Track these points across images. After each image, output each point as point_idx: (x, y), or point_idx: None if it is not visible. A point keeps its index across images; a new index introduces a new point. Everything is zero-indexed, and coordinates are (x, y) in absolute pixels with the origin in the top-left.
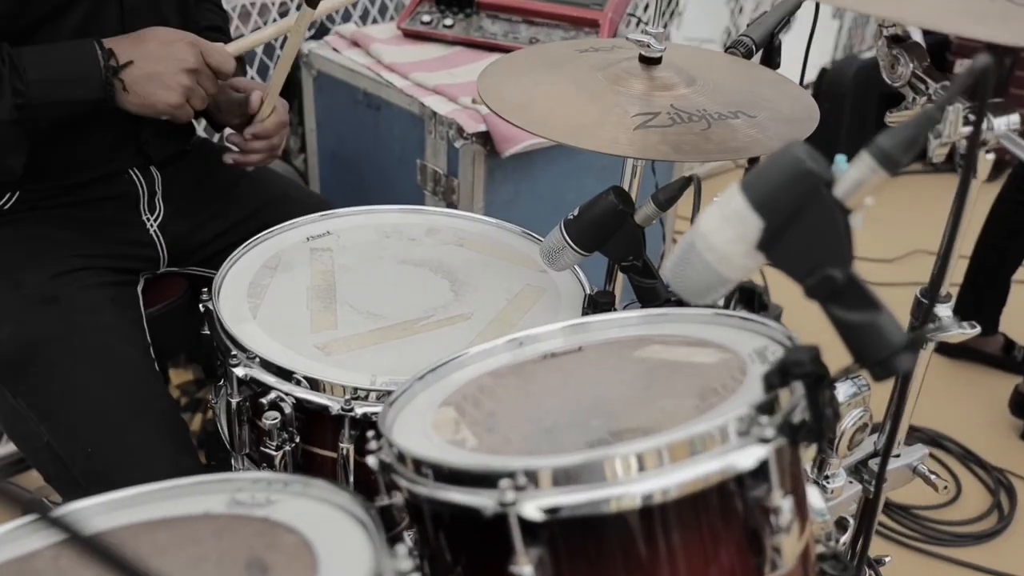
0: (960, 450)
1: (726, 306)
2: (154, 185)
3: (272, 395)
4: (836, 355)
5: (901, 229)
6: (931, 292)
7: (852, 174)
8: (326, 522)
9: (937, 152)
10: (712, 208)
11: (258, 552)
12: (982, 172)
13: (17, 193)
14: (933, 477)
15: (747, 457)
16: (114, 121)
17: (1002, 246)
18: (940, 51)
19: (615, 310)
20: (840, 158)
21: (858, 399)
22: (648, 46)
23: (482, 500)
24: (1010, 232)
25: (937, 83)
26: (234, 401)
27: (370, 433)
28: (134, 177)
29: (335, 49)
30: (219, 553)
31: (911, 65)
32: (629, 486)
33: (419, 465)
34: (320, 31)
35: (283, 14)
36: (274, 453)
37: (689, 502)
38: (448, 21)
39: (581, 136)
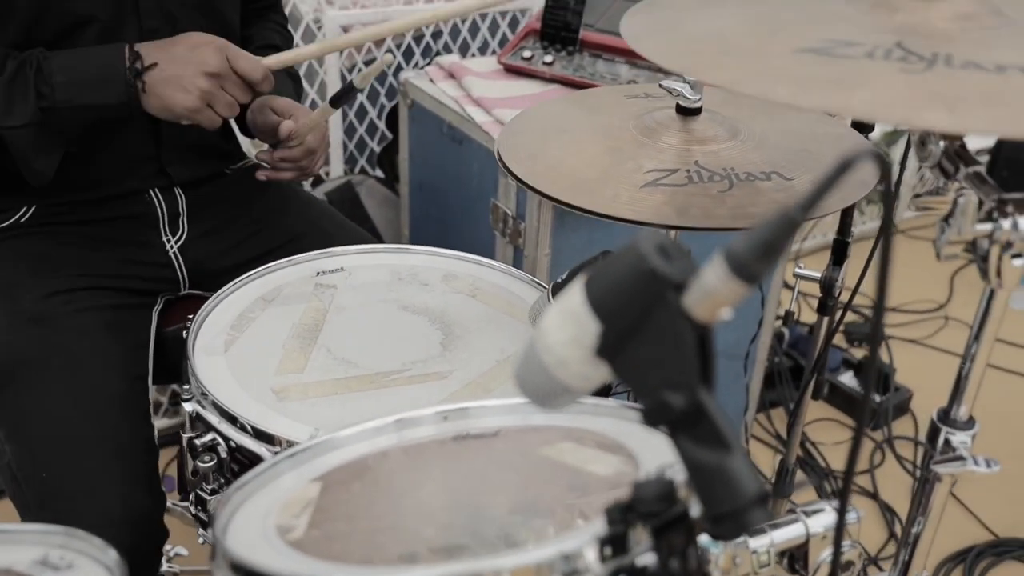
0: None
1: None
2: (177, 206)
3: (208, 437)
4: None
5: None
6: (945, 415)
7: (702, 280)
8: None
9: (946, 251)
10: (555, 304)
11: None
12: (1010, 282)
13: (34, 207)
14: None
15: None
16: (132, 138)
17: None
18: None
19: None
20: None
21: (843, 530)
22: (682, 95)
23: None
24: None
25: (968, 167)
26: (184, 436)
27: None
28: (154, 198)
29: (431, 80)
30: None
31: (941, 144)
32: None
33: (228, 561)
34: (431, 62)
35: (317, 22)
36: (208, 497)
37: None
38: (548, 58)
39: (578, 193)
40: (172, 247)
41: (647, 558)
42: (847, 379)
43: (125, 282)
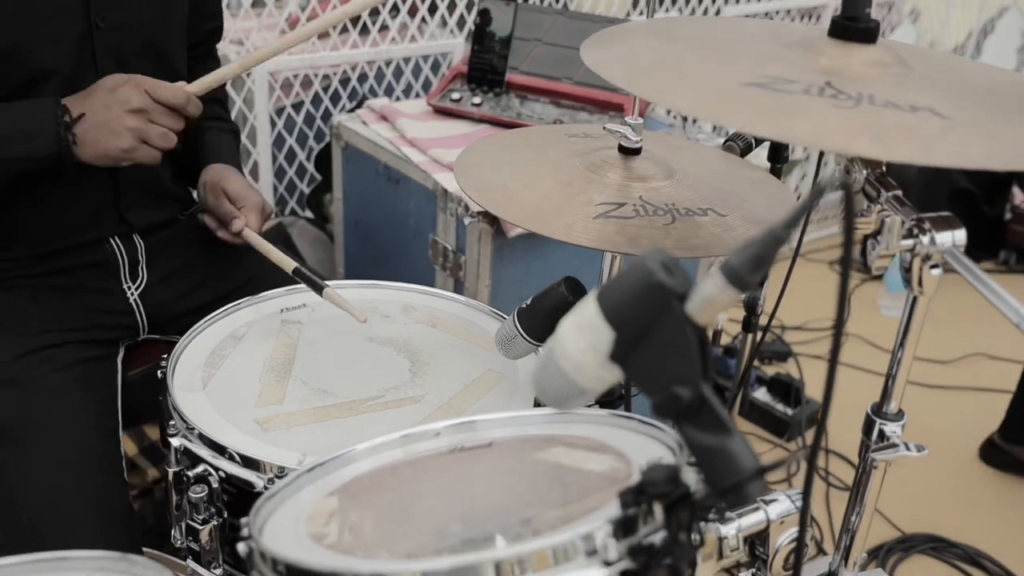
0: (1000, 571)
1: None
2: (136, 253)
3: (199, 468)
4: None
5: (960, 330)
6: (879, 409)
7: (702, 290)
8: None
9: (877, 264)
10: (570, 316)
11: None
12: (929, 288)
13: None
14: None
15: None
16: (91, 188)
17: None
18: None
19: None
20: None
21: (794, 516)
22: (625, 137)
23: None
24: None
25: (889, 192)
26: (171, 471)
27: (243, 519)
28: (115, 246)
29: (364, 122)
30: None
31: (864, 172)
32: None
33: (275, 562)
34: (359, 104)
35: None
36: (200, 527)
37: None
38: (477, 99)
39: (539, 221)
40: (132, 294)
41: (657, 536)
42: (761, 395)
43: (90, 333)
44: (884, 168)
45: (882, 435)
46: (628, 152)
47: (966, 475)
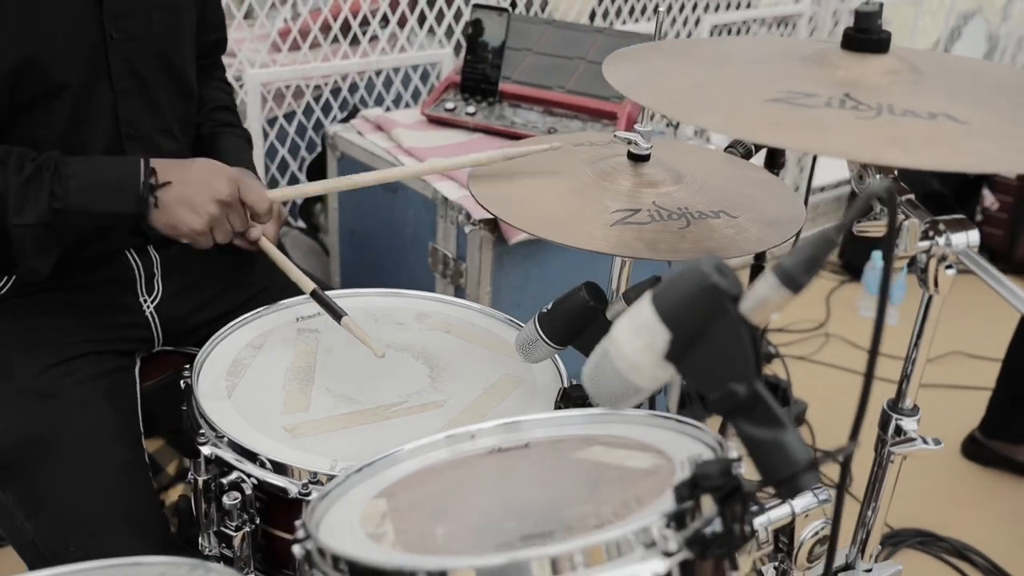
0: (987, 564)
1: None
2: (152, 266)
3: (233, 475)
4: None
5: (940, 329)
6: (895, 404)
7: (756, 292)
8: None
9: (899, 264)
10: (625, 318)
11: None
12: (944, 288)
13: (13, 278)
14: None
15: (645, 570)
16: None
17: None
18: None
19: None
20: (876, 254)
21: (818, 510)
22: (635, 144)
23: None
24: None
25: (902, 196)
26: (200, 479)
27: (298, 522)
28: (131, 258)
29: (359, 132)
30: None
31: (878, 177)
32: None
33: (336, 560)
34: (353, 115)
35: (239, 80)
36: (233, 534)
37: None
38: (471, 109)
39: (557, 230)
40: (149, 307)
41: (709, 528)
42: None
43: (109, 345)
44: (896, 173)
45: (899, 430)
46: (637, 159)
47: (950, 470)
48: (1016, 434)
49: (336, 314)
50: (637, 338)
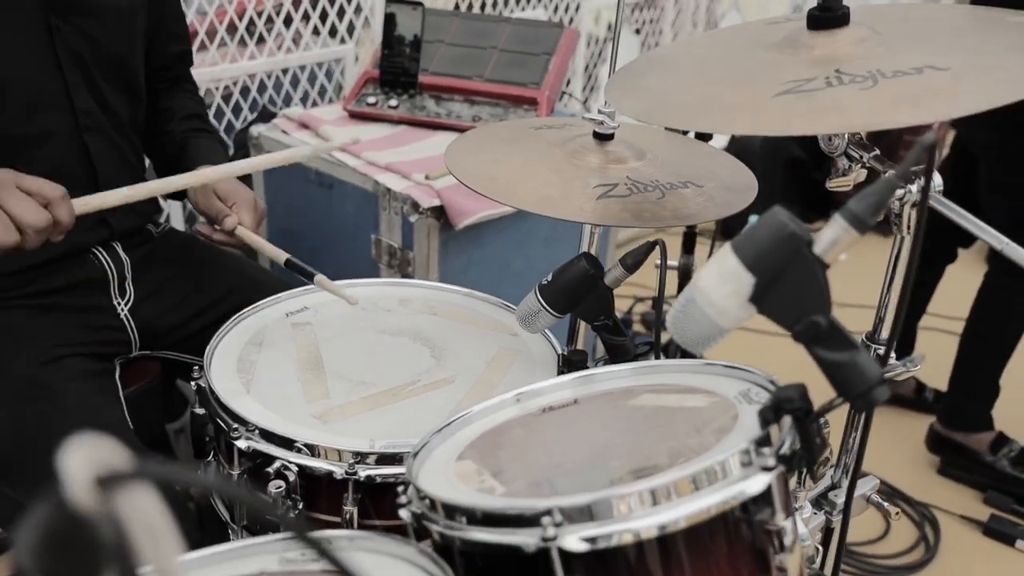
0: (885, 487)
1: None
2: (123, 269)
3: (276, 464)
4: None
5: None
6: (872, 336)
7: (828, 234)
8: (386, 571)
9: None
10: (709, 267)
11: None
12: (914, 229)
13: None
14: (885, 505)
15: (755, 484)
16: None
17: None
18: None
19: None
20: (752, 218)
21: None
22: (602, 123)
23: (522, 538)
24: (922, 266)
25: (869, 153)
26: (234, 474)
27: (400, 488)
28: (102, 259)
29: (284, 131)
30: None
31: (846, 136)
32: (645, 519)
33: (453, 512)
34: (264, 115)
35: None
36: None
37: (704, 529)
38: (393, 102)
39: (549, 206)
40: (123, 309)
41: (787, 445)
42: None
43: (92, 348)
44: (863, 135)
45: (878, 357)
46: (602, 138)
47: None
48: (972, 422)
49: (308, 275)
50: (724, 284)
